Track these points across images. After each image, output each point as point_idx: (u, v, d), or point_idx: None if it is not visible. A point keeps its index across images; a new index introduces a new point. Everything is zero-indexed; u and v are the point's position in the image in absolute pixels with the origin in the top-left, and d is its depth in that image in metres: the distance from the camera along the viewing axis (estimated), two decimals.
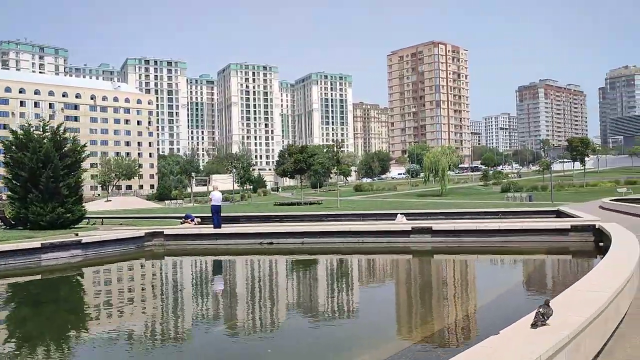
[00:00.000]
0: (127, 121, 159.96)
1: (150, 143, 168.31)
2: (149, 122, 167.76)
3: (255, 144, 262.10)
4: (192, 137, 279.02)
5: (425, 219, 33.88)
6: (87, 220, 32.91)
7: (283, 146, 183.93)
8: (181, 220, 28.50)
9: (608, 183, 76.70)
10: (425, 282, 14.77)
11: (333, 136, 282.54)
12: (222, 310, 11.77)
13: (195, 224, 26.85)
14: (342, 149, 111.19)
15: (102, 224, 32.08)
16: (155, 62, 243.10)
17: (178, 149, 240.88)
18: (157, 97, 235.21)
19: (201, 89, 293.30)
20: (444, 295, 12.45)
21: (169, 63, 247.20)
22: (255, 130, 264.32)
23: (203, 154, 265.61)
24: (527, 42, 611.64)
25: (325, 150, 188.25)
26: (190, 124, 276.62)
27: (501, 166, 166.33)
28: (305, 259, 19.90)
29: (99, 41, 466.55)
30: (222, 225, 23.64)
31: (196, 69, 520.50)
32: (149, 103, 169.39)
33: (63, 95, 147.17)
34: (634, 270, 8.58)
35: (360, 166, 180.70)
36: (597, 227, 17.81)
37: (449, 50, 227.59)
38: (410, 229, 19.79)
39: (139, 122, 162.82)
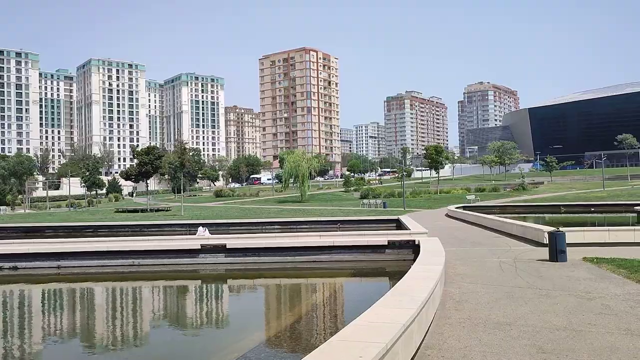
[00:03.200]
0: None
1: None
2: None
3: (119, 145, 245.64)
4: (47, 137, 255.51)
5: (260, 230, 30.17)
6: None
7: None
8: None
9: (460, 190, 79.17)
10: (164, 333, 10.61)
11: (204, 139, 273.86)
12: None
13: None
14: (187, 150, 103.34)
15: None
16: (1, 52, 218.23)
17: (28, 149, 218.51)
18: (4, 92, 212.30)
19: (58, 84, 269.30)
20: None
21: (18, 54, 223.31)
22: (118, 132, 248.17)
23: (59, 155, 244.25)
24: (396, 54, 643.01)
25: (191, 153, 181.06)
26: (44, 122, 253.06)
27: (368, 173, 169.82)
28: (38, 291, 14.93)
29: None
30: None
31: (52, 62, 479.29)
32: None
33: None
34: (409, 321, 5.15)
35: (228, 171, 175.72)
36: (417, 243, 14.94)
37: (320, 58, 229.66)
38: (199, 247, 15.56)
39: None
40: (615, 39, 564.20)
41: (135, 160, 64.18)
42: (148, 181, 71.53)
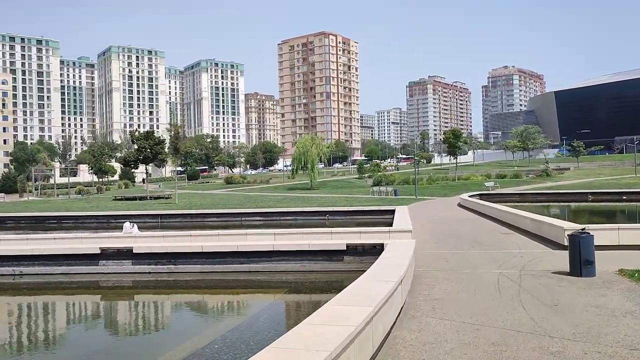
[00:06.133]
0: None
1: (4, 128, 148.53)
2: (3, 104, 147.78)
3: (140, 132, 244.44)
4: (69, 124, 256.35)
5: (239, 221, 26.43)
6: None
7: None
8: None
9: (479, 177, 74.87)
10: None
11: (224, 126, 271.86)
12: None
13: None
14: (180, 133, 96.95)
15: None
16: (22, 39, 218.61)
17: (50, 137, 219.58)
18: (25, 79, 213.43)
19: (80, 72, 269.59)
20: None
21: (39, 42, 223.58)
22: (139, 118, 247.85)
23: (81, 143, 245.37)
24: (419, 39, 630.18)
25: (208, 140, 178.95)
26: (66, 110, 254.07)
27: (388, 159, 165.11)
28: None
29: None
30: None
31: (75, 50, 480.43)
32: (2, 83, 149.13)
33: None
34: None
35: (246, 157, 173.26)
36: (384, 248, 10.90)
37: (339, 42, 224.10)
38: (98, 251, 11.79)
39: None
40: None
41: (135, 146, 61.27)
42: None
